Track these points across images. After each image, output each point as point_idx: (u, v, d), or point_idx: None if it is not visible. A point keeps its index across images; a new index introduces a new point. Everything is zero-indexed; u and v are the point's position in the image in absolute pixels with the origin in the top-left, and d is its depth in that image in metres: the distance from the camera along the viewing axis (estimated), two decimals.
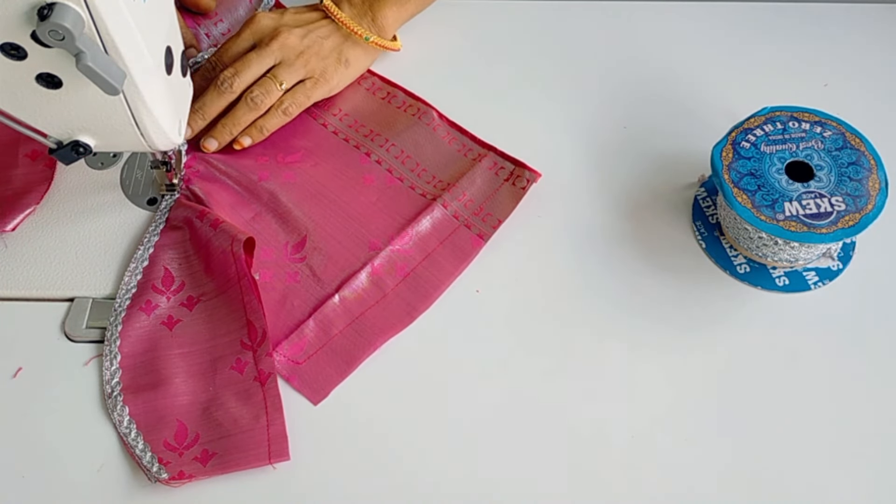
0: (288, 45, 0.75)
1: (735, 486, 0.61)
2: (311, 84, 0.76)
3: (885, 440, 0.62)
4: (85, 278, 0.69)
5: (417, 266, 0.70)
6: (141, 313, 0.67)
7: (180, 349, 0.66)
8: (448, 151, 0.75)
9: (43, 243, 0.71)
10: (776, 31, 0.84)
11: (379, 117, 0.78)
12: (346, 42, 0.78)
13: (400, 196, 0.73)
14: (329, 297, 0.68)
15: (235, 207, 0.73)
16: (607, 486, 0.61)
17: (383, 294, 0.69)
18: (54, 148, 0.62)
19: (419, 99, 0.78)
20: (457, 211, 0.72)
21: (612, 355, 0.66)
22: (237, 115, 0.74)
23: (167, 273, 0.69)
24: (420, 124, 0.77)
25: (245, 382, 0.64)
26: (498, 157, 0.74)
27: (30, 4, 0.50)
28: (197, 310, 0.68)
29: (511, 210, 0.72)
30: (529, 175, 0.73)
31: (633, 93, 0.80)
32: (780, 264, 0.69)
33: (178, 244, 0.71)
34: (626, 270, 0.70)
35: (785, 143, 0.67)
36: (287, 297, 0.69)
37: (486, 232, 0.71)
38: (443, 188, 0.73)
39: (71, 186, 0.74)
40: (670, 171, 0.75)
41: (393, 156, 0.75)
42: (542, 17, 0.86)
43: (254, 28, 0.76)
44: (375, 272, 0.69)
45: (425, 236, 0.71)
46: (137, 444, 0.62)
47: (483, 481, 0.61)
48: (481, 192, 0.73)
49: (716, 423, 0.63)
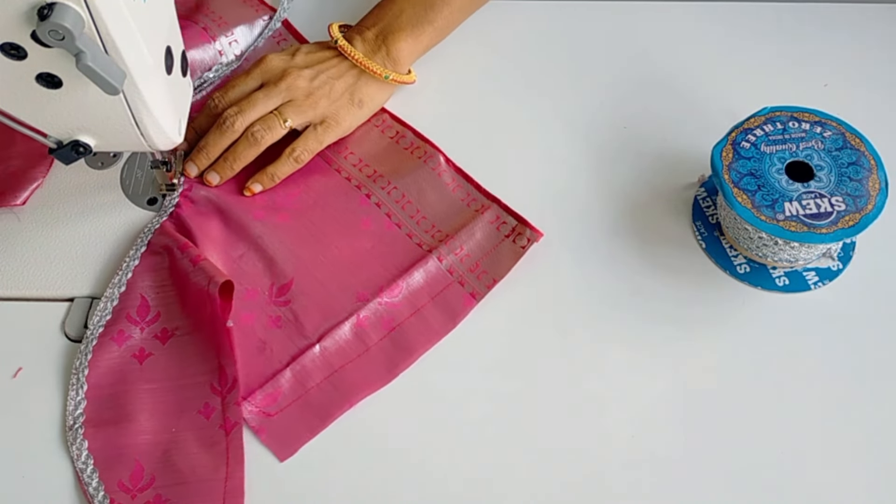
0: (296, 87, 0.73)
1: (735, 485, 0.61)
2: (323, 129, 0.74)
3: (885, 440, 0.62)
4: (85, 278, 0.69)
5: (404, 321, 0.67)
6: (112, 344, 0.66)
7: (149, 384, 0.65)
8: (451, 199, 0.73)
9: (43, 243, 0.71)
10: (776, 31, 0.84)
11: (385, 157, 0.76)
12: (360, 81, 0.76)
13: (395, 244, 0.71)
14: (310, 346, 0.66)
15: (223, 244, 0.71)
16: (607, 486, 0.61)
17: (366, 348, 0.66)
18: (54, 148, 0.62)
19: (427, 141, 0.76)
20: (452, 265, 0.69)
21: (611, 355, 0.66)
22: (238, 151, 0.73)
23: (143, 302, 0.68)
24: (425, 168, 0.74)
25: (210, 429, 0.62)
26: (501, 211, 0.72)
27: (30, 4, 0.50)
28: (170, 344, 0.66)
29: (508, 269, 0.69)
30: (531, 234, 0.70)
31: (633, 93, 0.80)
32: (780, 264, 0.69)
33: (156, 271, 0.69)
34: (625, 270, 0.70)
35: (785, 143, 0.67)
36: (267, 343, 0.66)
37: (480, 291, 0.68)
38: (440, 239, 0.71)
39: (71, 186, 0.74)
40: (670, 171, 0.75)
41: (394, 199, 0.73)
42: (542, 17, 0.86)
43: (263, 68, 0.75)
44: (360, 324, 0.67)
45: (416, 290, 0.68)
46: (92, 482, 0.60)
47: (481, 483, 0.61)
48: (480, 248, 0.70)
49: (716, 422, 0.63)
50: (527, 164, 0.76)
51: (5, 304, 0.69)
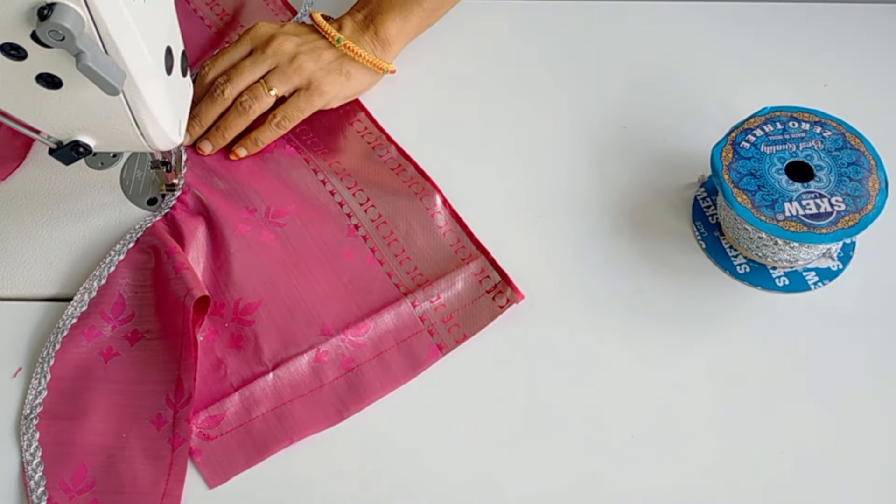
0: (282, 51, 0.74)
1: (735, 485, 0.61)
2: (306, 96, 0.74)
3: (885, 440, 0.62)
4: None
5: (364, 363, 0.65)
6: (82, 338, 0.66)
7: (109, 385, 0.64)
8: (439, 243, 0.71)
9: (43, 243, 0.71)
10: (776, 31, 0.84)
11: (382, 188, 0.74)
12: (347, 56, 0.76)
13: (373, 281, 0.69)
14: (263, 373, 0.64)
15: (207, 251, 0.70)
16: (606, 486, 0.61)
17: (319, 384, 0.65)
18: (54, 148, 0.62)
19: (427, 178, 0.74)
20: (425, 313, 0.67)
21: (611, 355, 0.66)
22: (228, 120, 0.74)
23: (120, 299, 0.67)
24: (419, 206, 0.72)
25: (158, 441, 0.62)
26: (488, 264, 0.69)
27: (30, 4, 0.50)
28: (138, 346, 0.66)
29: (481, 327, 0.67)
30: (511, 294, 0.67)
31: (633, 93, 0.80)
32: (780, 264, 0.69)
33: (139, 269, 0.69)
34: (625, 270, 0.70)
35: (785, 143, 0.67)
36: (223, 361, 0.65)
37: (448, 344, 0.66)
38: (420, 283, 0.68)
39: (71, 186, 0.74)
40: (670, 171, 0.75)
41: (381, 234, 0.71)
42: (542, 17, 0.86)
43: (252, 35, 0.76)
44: (319, 359, 0.65)
45: (383, 333, 0.67)
46: (35, 475, 0.60)
47: (479, 482, 0.61)
48: (458, 299, 0.68)
49: (716, 422, 0.63)
50: (527, 165, 0.76)
51: (5, 304, 0.69)
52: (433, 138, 0.77)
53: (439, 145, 0.77)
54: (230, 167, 0.75)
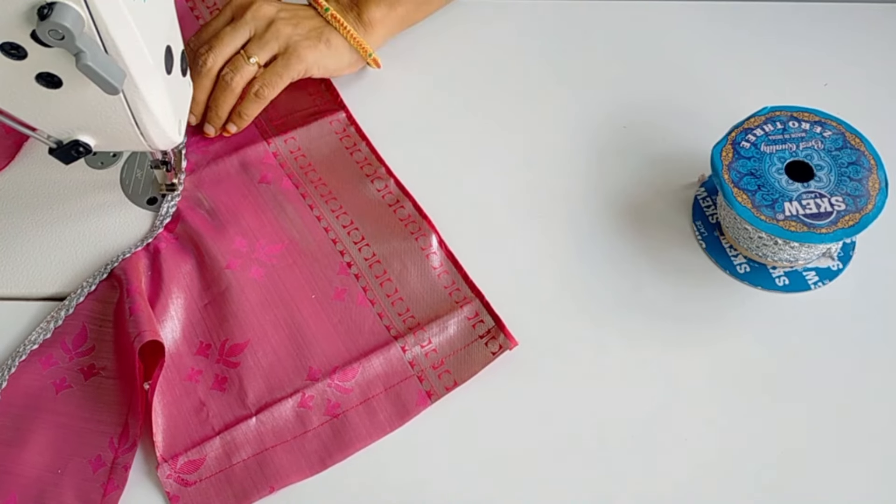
0: (261, 15, 0.73)
1: (735, 485, 0.61)
2: (284, 61, 0.72)
3: (885, 440, 0.62)
4: (85, 278, 0.69)
5: (350, 409, 0.63)
6: (38, 365, 0.65)
7: (55, 416, 0.63)
8: (433, 284, 0.69)
9: (43, 243, 0.71)
10: (776, 31, 0.84)
11: (377, 226, 0.72)
12: (329, 26, 0.75)
13: (364, 322, 0.67)
14: (246, 417, 0.63)
15: (193, 288, 0.69)
16: (606, 486, 0.61)
17: (304, 430, 0.63)
18: (54, 147, 0.62)
19: (425, 217, 0.72)
20: (415, 358, 0.65)
21: (611, 355, 0.66)
22: (217, 99, 0.73)
23: (83, 331, 0.66)
24: (415, 247, 0.70)
25: (91, 483, 0.60)
26: (482, 308, 0.67)
27: (30, 4, 0.50)
28: (91, 382, 0.64)
29: (472, 374, 0.65)
30: (504, 341, 0.65)
31: (633, 93, 0.80)
32: (780, 264, 0.69)
33: (105, 302, 0.67)
34: (625, 270, 0.70)
35: (785, 142, 0.67)
36: (206, 405, 0.64)
37: (437, 392, 0.64)
38: (411, 326, 0.67)
39: (71, 186, 0.74)
40: (670, 171, 0.75)
41: (374, 274, 0.69)
42: (542, 16, 0.86)
43: (233, 3, 0.75)
44: (303, 404, 0.63)
45: (371, 378, 0.65)
46: None
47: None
48: (449, 344, 0.66)
49: (715, 422, 0.63)
50: (527, 164, 0.76)
51: (5, 304, 0.69)
52: (433, 138, 0.77)
53: (439, 145, 0.77)
54: (223, 196, 0.73)
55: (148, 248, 0.70)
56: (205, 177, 0.74)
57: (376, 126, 0.78)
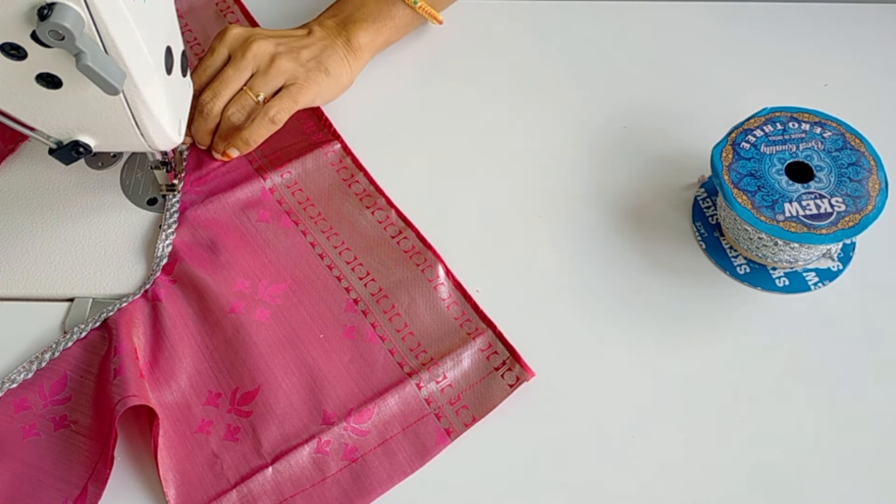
0: (262, 53, 0.73)
1: (734, 485, 0.61)
2: (297, 89, 0.73)
3: (885, 440, 0.62)
4: (85, 278, 0.69)
5: (369, 452, 0.61)
6: (11, 407, 0.62)
7: (16, 462, 0.60)
8: (443, 317, 0.67)
9: (43, 243, 0.71)
10: (776, 31, 0.84)
11: (381, 259, 0.70)
12: (324, 53, 0.75)
13: (375, 360, 0.65)
14: (263, 467, 0.60)
15: (197, 333, 0.66)
16: (606, 486, 0.61)
17: (322, 477, 0.60)
18: (54, 147, 0.62)
19: (430, 248, 0.70)
20: (431, 395, 0.63)
21: (611, 355, 0.66)
22: (223, 135, 0.74)
23: (63, 378, 0.63)
24: (422, 278, 0.69)
25: None
26: (495, 339, 0.66)
27: (30, 4, 0.50)
28: (60, 434, 0.61)
29: (490, 409, 0.63)
30: (520, 372, 0.64)
31: (633, 93, 0.80)
32: (780, 265, 0.69)
33: (90, 353, 0.65)
34: (625, 271, 0.70)
35: (785, 143, 0.67)
36: (219, 457, 0.61)
37: (457, 429, 0.62)
38: (424, 362, 0.65)
39: (71, 186, 0.74)
40: (670, 171, 0.75)
41: (382, 309, 0.67)
42: (542, 16, 0.86)
43: (226, 40, 0.74)
44: (320, 449, 0.61)
45: (388, 418, 0.63)
46: None
47: (476, 484, 0.61)
48: (465, 378, 0.64)
49: (715, 423, 0.63)
50: (526, 165, 0.76)
51: (5, 304, 0.69)
52: (432, 138, 0.77)
53: (438, 145, 0.77)
54: (221, 236, 0.71)
55: (146, 295, 0.67)
56: (200, 216, 0.72)
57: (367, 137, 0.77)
